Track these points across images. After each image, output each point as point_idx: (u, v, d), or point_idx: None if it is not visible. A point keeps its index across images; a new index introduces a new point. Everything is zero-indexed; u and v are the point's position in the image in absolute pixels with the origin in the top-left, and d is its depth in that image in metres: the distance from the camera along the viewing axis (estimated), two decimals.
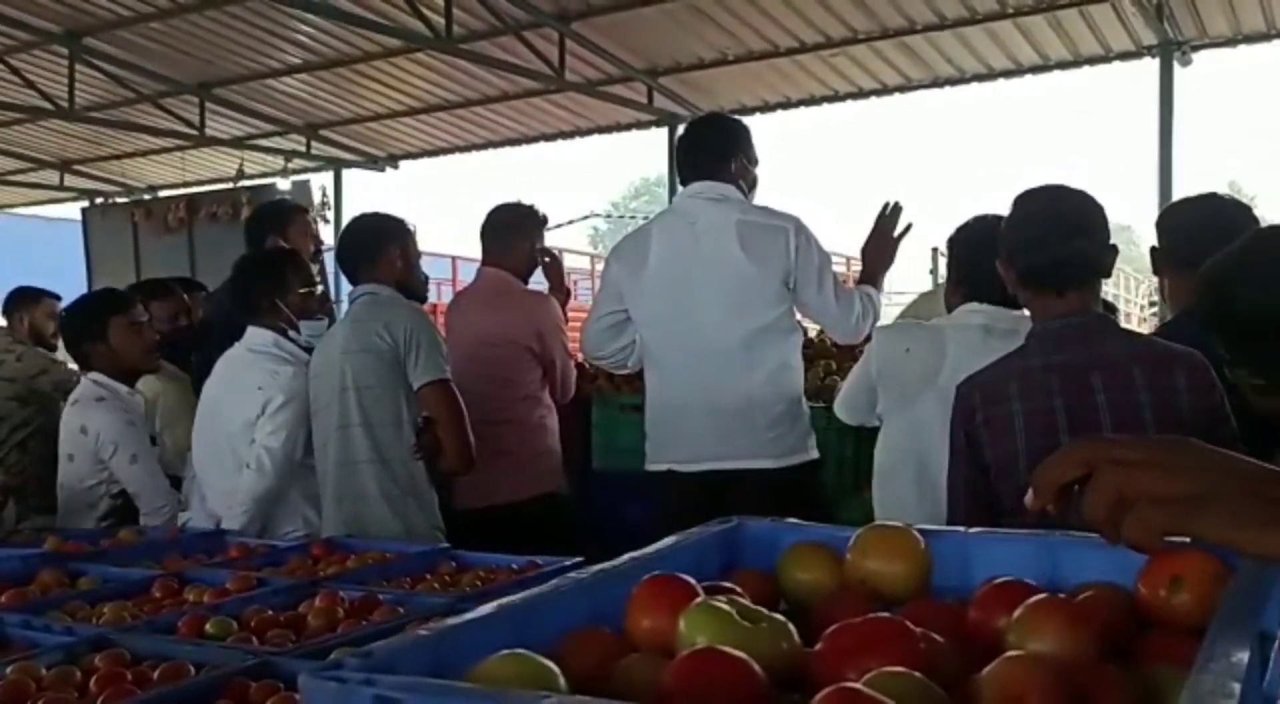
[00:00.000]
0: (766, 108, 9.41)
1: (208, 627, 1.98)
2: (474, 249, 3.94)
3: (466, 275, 13.83)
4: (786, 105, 9.31)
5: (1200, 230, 2.43)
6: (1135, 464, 0.81)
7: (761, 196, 3.48)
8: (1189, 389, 1.98)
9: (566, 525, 3.70)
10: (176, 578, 2.41)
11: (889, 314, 4.01)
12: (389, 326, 3.11)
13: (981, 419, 2.10)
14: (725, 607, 0.73)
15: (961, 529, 0.98)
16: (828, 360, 4.17)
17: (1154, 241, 2.65)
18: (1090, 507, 0.82)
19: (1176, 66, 7.71)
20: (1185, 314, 2.44)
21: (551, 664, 0.66)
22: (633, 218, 35.14)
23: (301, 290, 3.35)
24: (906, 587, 0.90)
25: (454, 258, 13.87)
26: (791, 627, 0.74)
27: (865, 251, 3.42)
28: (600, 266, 18.56)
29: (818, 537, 0.98)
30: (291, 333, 3.30)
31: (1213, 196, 2.55)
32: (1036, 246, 2.12)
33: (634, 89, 9.23)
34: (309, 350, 3.28)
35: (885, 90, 9.06)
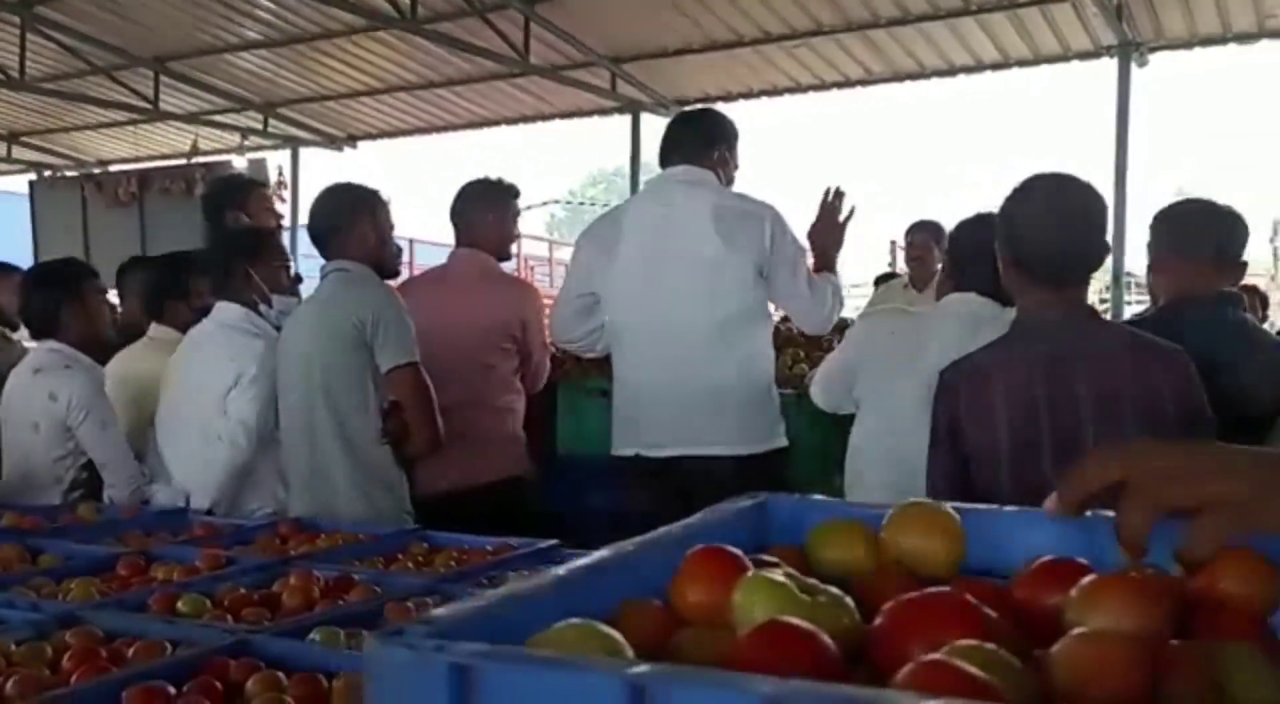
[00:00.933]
0: (729, 98, 9.40)
1: (180, 604, 1.95)
2: (433, 232, 3.88)
3: (424, 258, 13.75)
4: (749, 95, 9.31)
5: (1195, 229, 2.51)
6: (1180, 475, 0.80)
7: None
8: (1170, 383, 2.01)
9: (531, 509, 3.69)
10: (142, 555, 2.37)
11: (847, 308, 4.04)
12: (358, 307, 3.06)
13: (964, 407, 2.12)
14: (783, 580, 0.73)
15: (997, 508, 0.98)
16: (795, 348, 4.18)
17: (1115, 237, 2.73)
18: (1130, 524, 0.80)
19: (1134, 67, 7.81)
20: (1168, 306, 2.49)
21: (615, 633, 0.66)
22: (591, 205, 35.03)
23: (276, 264, 3.32)
24: (944, 565, 0.90)
25: (411, 240, 13.71)
26: (849, 600, 0.74)
27: (812, 236, 3.42)
28: (558, 253, 18.52)
29: (848, 513, 0.98)
30: (263, 307, 3.26)
31: (1208, 202, 2.64)
32: (1038, 237, 2.13)
33: (597, 75, 9.18)
34: (279, 328, 3.24)
35: (847, 83, 9.09)
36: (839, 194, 3.43)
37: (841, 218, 3.41)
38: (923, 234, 5.74)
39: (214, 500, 3.14)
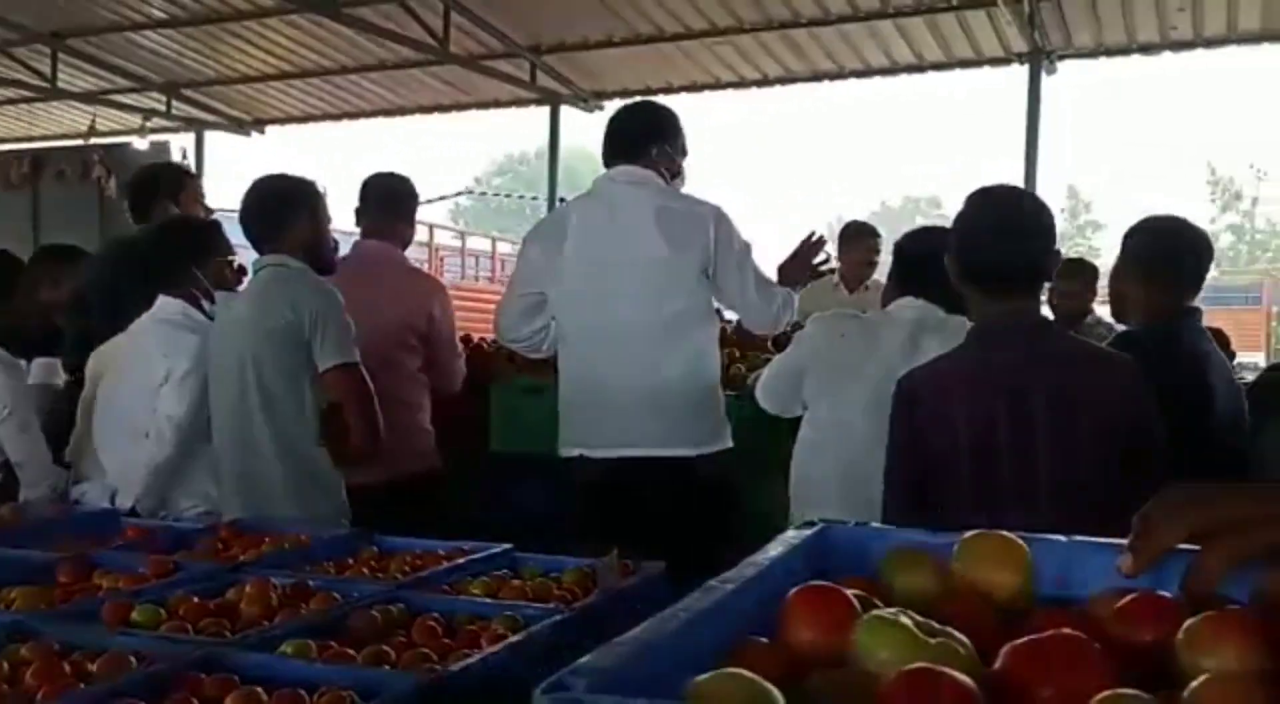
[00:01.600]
0: (649, 92, 9.37)
1: (134, 615, 1.88)
2: (342, 220, 3.78)
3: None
4: (669, 91, 9.31)
5: (1162, 249, 2.60)
6: (1256, 522, 0.81)
7: None
8: (1122, 391, 2.08)
9: (445, 502, 3.70)
10: (82, 561, 2.28)
11: None
12: (295, 305, 2.95)
13: (923, 415, 2.16)
14: (904, 621, 0.73)
15: (1061, 538, 0.99)
16: (730, 347, 4.20)
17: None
18: (1207, 573, 0.80)
19: (1044, 75, 8.04)
20: (1145, 328, 2.59)
21: (770, 686, 0.65)
22: (496, 195, 34.76)
23: (221, 259, 3.24)
24: (1017, 595, 0.91)
25: None
26: (966, 640, 0.74)
27: (783, 270, 3.49)
28: (470, 243, 18.33)
29: (913, 541, 0.99)
30: (205, 303, 3.17)
31: (1173, 219, 2.74)
32: (983, 246, 2.19)
33: (517, 66, 9.11)
34: None
35: (766, 82, 9.18)
36: (820, 240, 3.53)
37: (816, 260, 3.47)
38: (862, 237, 5.81)
39: (138, 498, 3.03)
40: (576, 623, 1.90)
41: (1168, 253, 2.65)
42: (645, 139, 3.30)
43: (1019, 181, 7.85)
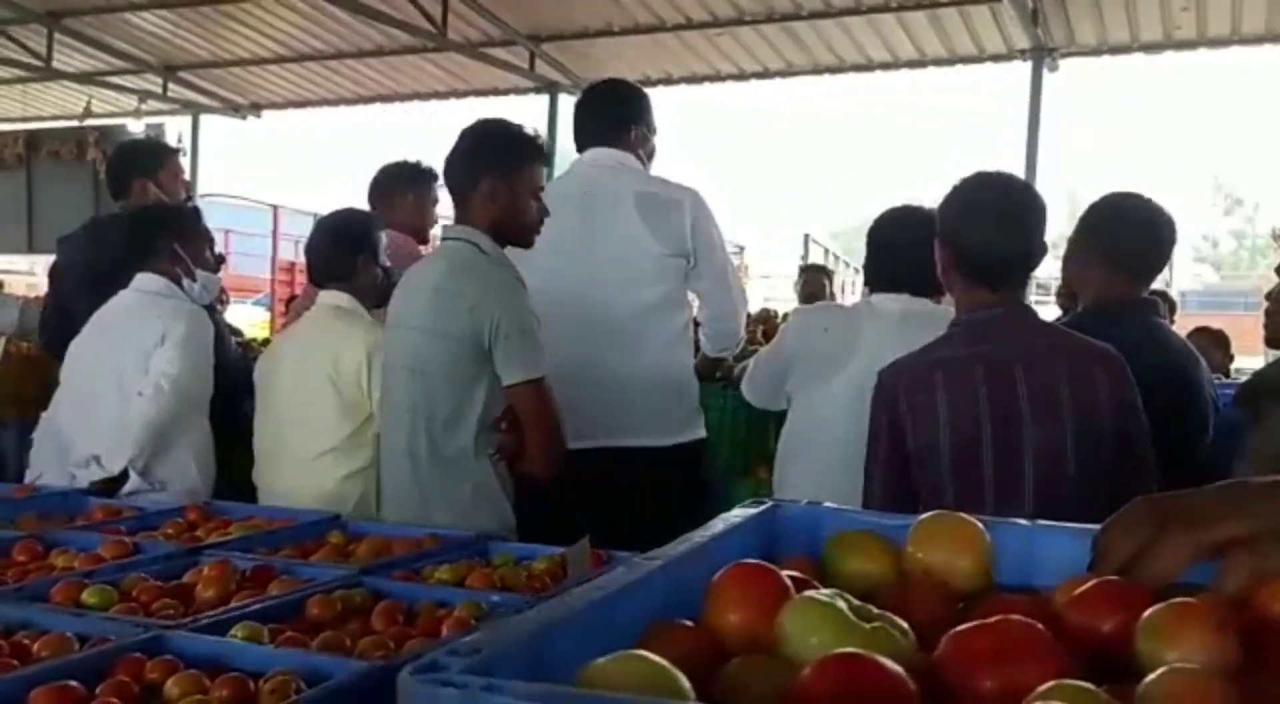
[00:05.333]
0: (648, 83, 9.30)
1: (85, 596, 1.83)
2: (337, 207, 3.68)
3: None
4: (668, 81, 9.26)
5: (1121, 228, 2.50)
6: (1200, 520, 0.79)
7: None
8: (1107, 383, 2.02)
9: None
10: (39, 540, 2.22)
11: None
12: (475, 309, 2.53)
13: (905, 406, 2.10)
14: (837, 603, 0.67)
15: (1023, 522, 0.94)
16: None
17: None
18: (1165, 567, 0.80)
19: (1045, 72, 7.98)
20: (1094, 309, 2.50)
21: (672, 667, 0.59)
22: None
23: (200, 241, 3.23)
24: (973, 581, 0.85)
25: (315, 215, 13.35)
26: (905, 626, 0.68)
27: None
28: None
29: (865, 523, 0.93)
30: (186, 282, 3.15)
31: (1133, 197, 2.61)
32: (985, 237, 2.12)
33: (516, 54, 9.03)
34: (207, 308, 3.16)
35: (767, 74, 9.11)
36: None
37: None
38: None
39: (130, 459, 2.95)
40: None
41: (1133, 235, 2.53)
42: (621, 120, 3.23)
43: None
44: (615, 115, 3.25)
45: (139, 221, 3.26)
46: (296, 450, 2.94)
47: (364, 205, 3.68)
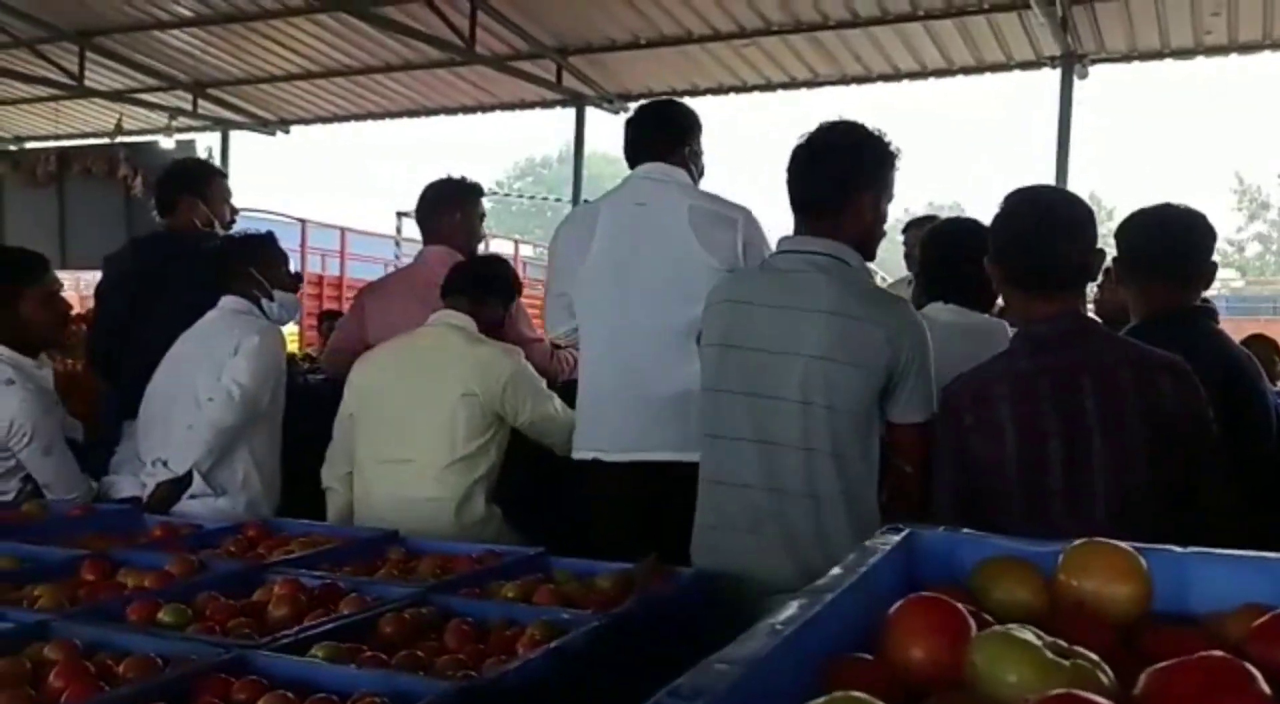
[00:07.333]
0: (675, 94, 9.34)
1: (161, 615, 1.84)
2: (363, 221, 3.76)
3: (357, 248, 13.47)
4: (695, 93, 9.26)
5: (1163, 239, 2.49)
6: None
7: None
8: (1175, 394, 2.00)
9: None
10: (106, 559, 2.24)
11: None
12: (892, 338, 2.24)
13: (970, 421, 2.09)
14: (1030, 638, 0.67)
15: (1175, 548, 0.92)
16: None
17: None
18: None
19: (1075, 78, 7.95)
20: (1149, 321, 2.48)
21: None
22: (519, 197, 34.77)
23: (276, 264, 3.36)
24: (1131, 611, 0.84)
25: (343, 229, 13.44)
26: (1099, 660, 0.68)
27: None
28: (491, 246, 18.32)
29: (1006, 550, 0.92)
30: (265, 303, 3.28)
31: (1168, 207, 2.59)
32: (1025, 248, 2.12)
33: (543, 67, 9.07)
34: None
35: (793, 84, 9.11)
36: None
37: None
38: (921, 231, 5.72)
39: (196, 461, 3.04)
40: (613, 629, 1.85)
41: (1173, 245, 2.51)
42: (679, 137, 3.24)
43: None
44: (668, 132, 3.25)
45: (224, 250, 3.40)
46: (427, 460, 2.98)
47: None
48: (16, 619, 1.81)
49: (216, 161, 10.73)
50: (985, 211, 2.30)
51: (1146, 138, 61.08)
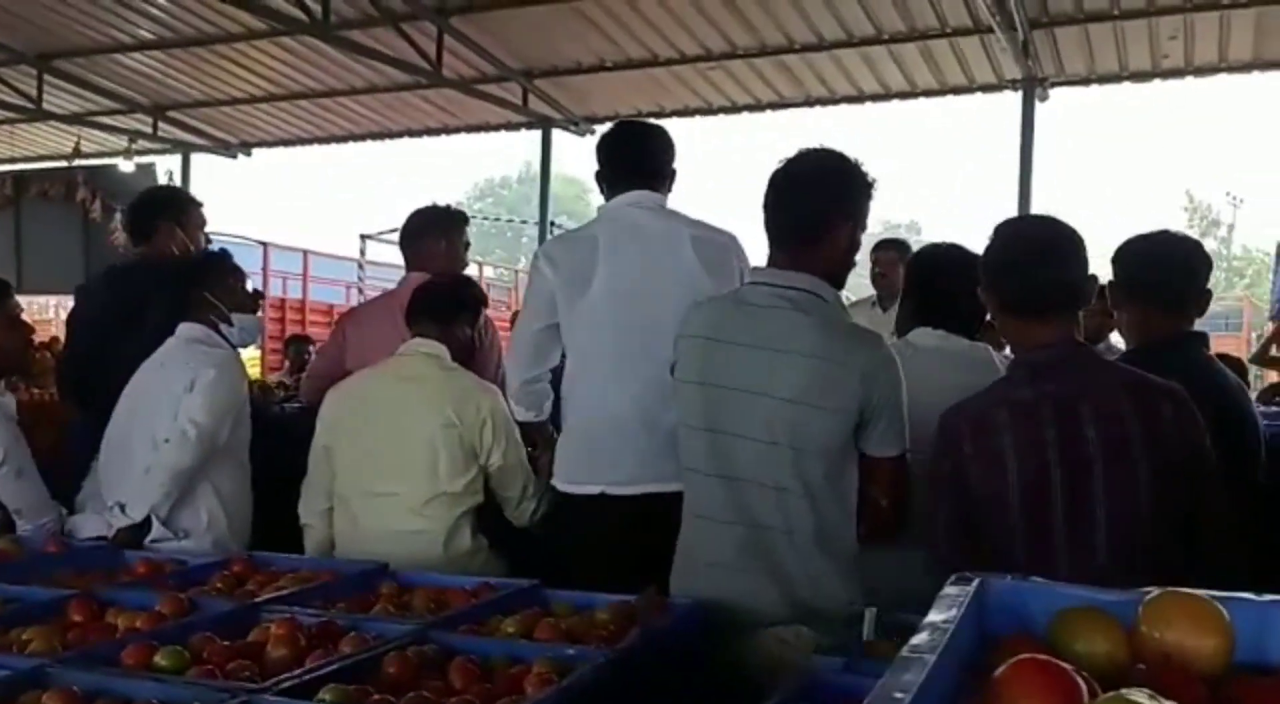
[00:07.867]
0: (640, 117, 9.38)
1: (158, 658, 1.80)
2: (325, 243, 3.70)
3: (320, 271, 13.34)
4: (660, 114, 9.30)
5: (1159, 264, 2.52)
6: None
7: None
8: (1175, 421, 2.02)
9: None
10: (92, 598, 2.19)
11: None
12: (866, 377, 2.21)
13: (970, 450, 2.09)
14: (1146, 702, 0.66)
15: (1252, 596, 0.92)
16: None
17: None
18: None
19: (1036, 101, 8.07)
20: (1144, 347, 2.51)
21: None
22: (482, 218, 34.61)
23: (231, 283, 3.22)
24: (1217, 663, 0.84)
25: (305, 252, 13.32)
26: None
27: None
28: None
29: (1079, 599, 0.92)
30: (223, 327, 3.16)
31: (1165, 233, 2.63)
32: (1016, 273, 2.14)
33: (509, 90, 9.07)
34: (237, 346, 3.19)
35: (758, 106, 9.20)
36: None
37: None
38: (889, 252, 5.74)
39: (153, 506, 2.92)
40: (620, 664, 1.83)
41: (1171, 273, 2.55)
42: (663, 166, 3.21)
43: (1011, 210, 7.87)
44: (655, 160, 3.22)
45: (166, 275, 3.28)
46: (412, 493, 2.93)
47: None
48: (11, 665, 1.76)
49: (178, 184, 10.64)
50: (942, 233, 2.33)
51: (1103, 158, 62.13)
